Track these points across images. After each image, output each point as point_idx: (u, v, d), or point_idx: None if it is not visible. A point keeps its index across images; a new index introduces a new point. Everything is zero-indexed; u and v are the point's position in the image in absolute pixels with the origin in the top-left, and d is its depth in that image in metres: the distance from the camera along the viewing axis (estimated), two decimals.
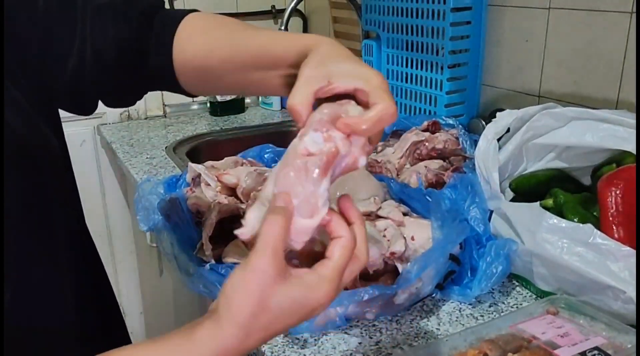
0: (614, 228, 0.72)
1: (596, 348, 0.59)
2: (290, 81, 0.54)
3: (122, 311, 0.80)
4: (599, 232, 0.70)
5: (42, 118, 0.59)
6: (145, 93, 0.70)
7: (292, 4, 1.48)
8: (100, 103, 0.68)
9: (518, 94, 1.17)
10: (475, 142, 0.96)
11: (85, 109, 0.67)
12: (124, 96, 0.69)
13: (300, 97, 0.46)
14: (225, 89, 0.65)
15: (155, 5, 0.67)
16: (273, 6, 1.85)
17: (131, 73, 0.65)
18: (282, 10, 1.76)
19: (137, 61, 0.64)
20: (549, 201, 0.84)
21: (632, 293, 0.66)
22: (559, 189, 0.85)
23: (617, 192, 0.74)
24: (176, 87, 0.66)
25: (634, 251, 0.67)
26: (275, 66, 0.57)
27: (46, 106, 0.62)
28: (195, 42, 0.63)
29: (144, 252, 1.64)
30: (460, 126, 1.14)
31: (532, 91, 1.14)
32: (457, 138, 1.12)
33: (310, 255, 0.46)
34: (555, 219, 0.73)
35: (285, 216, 0.43)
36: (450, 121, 1.16)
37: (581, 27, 1.02)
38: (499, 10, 1.16)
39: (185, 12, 0.66)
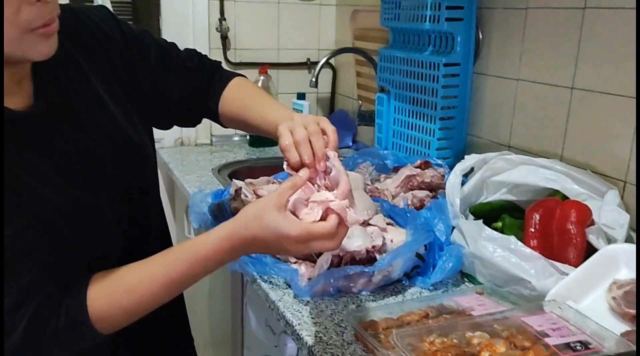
0: (531, 240, 1.02)
1: (500, 312, 0.88)
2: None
3: None
4: (519, 242, 0.99)
5: (146, 132, 0.95)
6: (202, 120, 1.11)
7: (324, 60, 1.83)
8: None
9: (494, 144, 1.48)
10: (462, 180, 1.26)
11: (167, 126, 1.09)
12: (190, 119, 1.11)
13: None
14: (241, 124, 1.05)
15: (216, 64, 1.09)
16: (308, 59, 2.21)
17: (197, 106, 1.06)
18: (316, 63, 2.11)
19: (202, 100, 1.05)
20: (499, 224, 1.14)
21: (536, 284, 0.94)
22: (506, 215, 1.15)
23: (537, 216, 1.04)
24: (217, 120, 1.08)
25: (540, 256, 0.96)
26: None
27: (148, 125, 0.98)
28: (232, 96, 1.05)
29: None
30: (447, 166, 1.44)
31: (505, 142, 1.44)
32: (443, 175, 1.42)
33: None
34: (490, 232, 1.03)
35: (296, 183, 0.75)
36: (439, 162, 1.46)
37: (539, 97, 1.33)
38: (482, 78, 1.48)
39: (234, 75, 1.08)
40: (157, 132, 1.06)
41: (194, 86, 1.04)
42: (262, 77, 2.10)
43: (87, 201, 0.79)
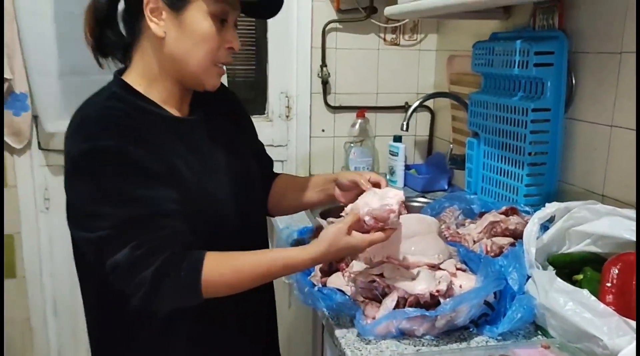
0: (607, 296, 0.97)
1: None
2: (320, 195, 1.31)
3: None
4: (592, 296, 0.95)
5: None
6: None
7: (415, 104, 1.86)
8: None
9: (587, 192, 1.41)
10: (546, 228, 1.22)
11: None
12: None
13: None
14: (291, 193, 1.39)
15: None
16: (406, 102, 2.25)
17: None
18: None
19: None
20: (580, 276, 1.09)
21: (608, 342, 0.89)
22: (589, 268, 1.09)
23: (615, 270, 0.98)
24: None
25: (614, 312, 0.91)
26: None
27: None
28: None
29: (279, 287, 2.04)
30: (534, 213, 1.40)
31: (598, 190, 1.37)
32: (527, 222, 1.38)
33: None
34: (561, 283, 0.99)
35: (356, 219, 1.01)
36: (527, 208, 1.43)
37: (633, 144, 1.26)
38: (574, 123, 1.43)
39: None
40: None
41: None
42: (359, 120, 2.17)
43: (214, 189, 1.09)
